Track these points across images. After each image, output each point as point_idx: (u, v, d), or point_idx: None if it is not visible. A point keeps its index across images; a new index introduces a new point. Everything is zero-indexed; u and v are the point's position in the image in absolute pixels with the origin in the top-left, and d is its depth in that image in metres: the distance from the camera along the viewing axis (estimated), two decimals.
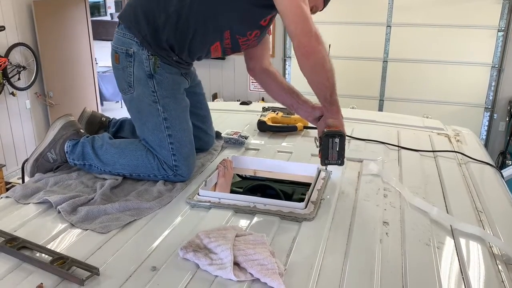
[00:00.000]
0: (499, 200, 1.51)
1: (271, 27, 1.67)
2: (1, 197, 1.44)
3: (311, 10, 1.47)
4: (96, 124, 1.79)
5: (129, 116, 1.68)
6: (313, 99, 1.61)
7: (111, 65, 1.61)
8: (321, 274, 1.04)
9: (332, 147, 1.40)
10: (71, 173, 1.60)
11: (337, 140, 1.38)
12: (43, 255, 1.09)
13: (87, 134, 1.65)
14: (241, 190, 2.07)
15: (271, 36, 1.94)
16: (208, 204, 1.37)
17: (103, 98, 8.08)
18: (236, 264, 1.03)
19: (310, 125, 2.11)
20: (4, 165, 5.22)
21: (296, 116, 2.20)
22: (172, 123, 1.52)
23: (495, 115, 5.54)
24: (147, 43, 1.48)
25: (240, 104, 2.76)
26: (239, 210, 1.34)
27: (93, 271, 1.01)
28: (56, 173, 1.61)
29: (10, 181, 5.21)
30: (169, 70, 1.53)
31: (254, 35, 1.57)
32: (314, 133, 2.07)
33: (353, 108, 2.79)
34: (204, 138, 1.79)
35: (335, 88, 1.45)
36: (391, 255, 1.13)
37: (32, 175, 1.61)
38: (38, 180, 1.54)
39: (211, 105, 1.93)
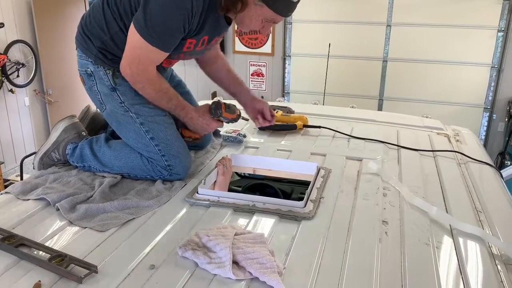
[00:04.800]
0: (498, 200, 1.51)
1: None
2: (1, 193, 1.44)
3: (262, 29, 1.55)
4: (99, 123, 1.80)
5: None
6: (311, 98, 1.62)
7: None
8: (320, 273, 1.04)
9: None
10: (71, 170, 1.61)
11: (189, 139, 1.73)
12: (41, 252, 1.09)
13: (88, 137, 1.65)
14: (240, 189, 2.07)
15: (270, 34, 1.96)
16: (207, 202, 1.37)
17: None
18: (235, 262, 1.03)
19: (310, 123, 2.12)
20: (3, 162, 5.22)
21: (296, 115, 2.20)
22: (150, 126, 1.53)
23: (494, 115, 5.55)
24: (100, 60, 1.53)
25: None
26: (238, 209, 1.33)
27: (92, 269, 1.01)
28: (56, 169, 1.62)
29: (9, 178, 5.21)
30: None
31: (183, 56, 1.62)
32: (314, 132, 2.09)
33: (352, 107, 2.79)
34: None
35: (169, 104, 1.56)
36: (390, 254, 1.13)
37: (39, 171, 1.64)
38: (38, 176, 1.55)
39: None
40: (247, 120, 1.87)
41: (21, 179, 1.71)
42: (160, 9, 1.37)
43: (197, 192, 1.42)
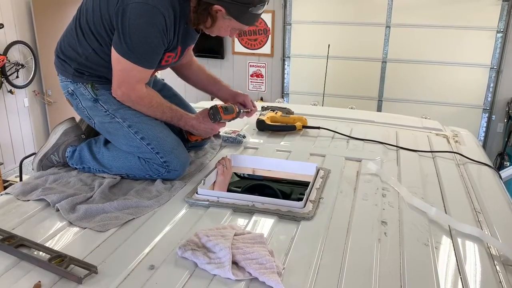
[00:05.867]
0: (497, 201, 1.51)
1: (270, 27, 1.68)
2: (1, 194, 1.44)
3: (231, 34, 1.60)
4: None
5: None
6: (311, 99, 1.63)
7: None
8: (319, 273, 1.04)
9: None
10: (70, 171, 1.61)
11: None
12: (41, 253, 1.09)
13: (88, 140, 1.66)
14: (239, 189, 2.07)
15: (270, 35, 1.99)
16: (207, 203, 1.37)
17: None
18: (234, 263, 1.03)
19: (309, 124, 2.12)
20: (2, 163, 5.22)
21: (295, 115, 2.20)
22: (138, 127, 1.55)
23: (493, 116, 5.55)
24: (77, 77, 1.58)
25: None
26: (237, 209, 1.34)
27: (91, 269, 1.01)
28: (56, 170, 1.62)
29: (8, 179, 5.20)
30: (109, 87, 1.56)
31: (161, 68, 1.66)
32: (313, 132, 2.09)
33: (352, 108, 2.79)
34: None
35: (163, 117, 1.60)
36: (389, 254, 1.13)
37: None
38: (38, 177, 1.55)
39: (210, 104, 1.93)
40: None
41: (21, 180, 1.71)
42: (137, 30, 1.43)
43: (197, 193, 1.43)
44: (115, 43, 1.46)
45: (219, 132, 1.95)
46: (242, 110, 1.77)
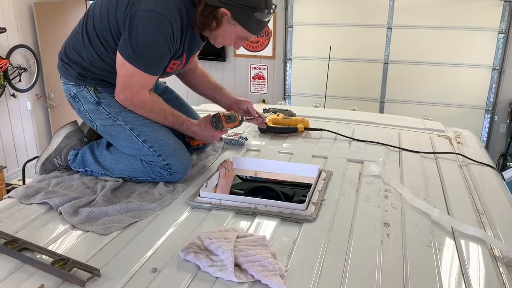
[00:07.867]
0: (500, 202, 1.51)
1: (271, 29, 1.68)
2: (4, 198, 1.45)
3: (236, 43, 1.60)
4: None
5: None
6: (312, 101, 1.63)
7: None
8: (322, 276, 1.04)
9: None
10: (73, 175, 1.61)
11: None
12: (44, 256, 1.09)
13: (90, 143, 1.67)
14: (241, 191, 2.07)
15: (271, 37, 1.99)
16: (209, 205, 1.37)
17: None
18: (237, 265, 1.03)
19: (311, 126, 2.12)
20: (5, 167, 5.23)
21: (297, 117, 2.20)
22: (140, 130, 1.55)
23: (496, 117, 5.54)
24: (80, 80, 1.59)
25: None
26: (240, 212, 1.34)
27: (94, 272, 1.01)
28: (59, 173, 1.63)
29: (11, 182, 5.22)
30: (112, 90, 1.57)
31: (166, 76, 1.68)
32: (315, 134, 2.09)
33: (354, 109, 2.79)
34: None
35: (165, 122, 1.61)
36: (392, 256, 1.13)
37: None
38: (41, 180, 1.56)
39: (211, 106, 1.93)
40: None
41: (24, 183, 1.72)
42: (144, 37, 1.44)
43: (199, 195, 1.43)
44: (121, 47, 1.47)
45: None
46: (245, 118, 1.77)
